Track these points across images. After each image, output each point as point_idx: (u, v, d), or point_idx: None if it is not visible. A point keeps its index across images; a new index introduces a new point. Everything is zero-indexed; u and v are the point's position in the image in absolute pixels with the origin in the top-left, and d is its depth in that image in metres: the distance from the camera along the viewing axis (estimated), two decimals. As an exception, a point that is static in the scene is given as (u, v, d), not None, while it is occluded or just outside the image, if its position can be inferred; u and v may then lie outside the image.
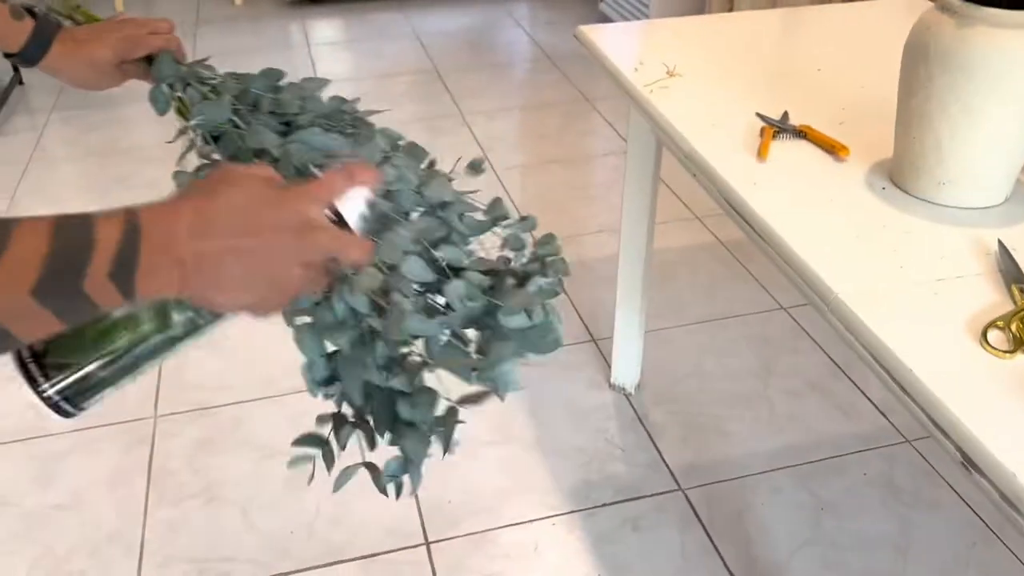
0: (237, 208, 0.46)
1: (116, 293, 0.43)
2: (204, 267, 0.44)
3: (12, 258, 0.40)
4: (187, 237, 0.44)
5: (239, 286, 0.46)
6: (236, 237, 0.45)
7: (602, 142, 2.94)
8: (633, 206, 1.64)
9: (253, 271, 0.46)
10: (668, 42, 1.47)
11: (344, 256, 0.49)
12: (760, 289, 2.14)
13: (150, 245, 0.43)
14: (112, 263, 0.42)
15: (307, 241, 0.47)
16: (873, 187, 1.02)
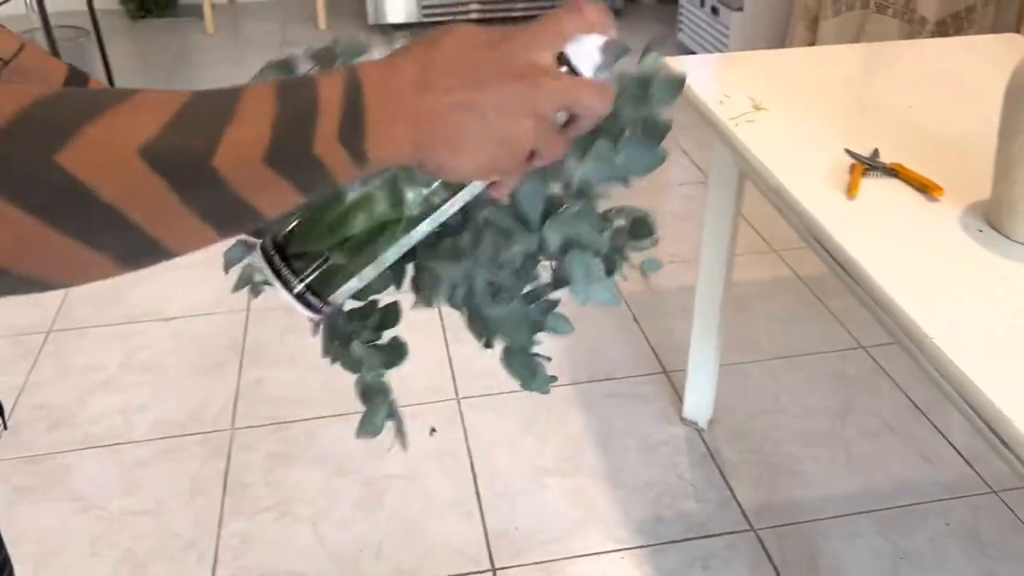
0: (460, 58, 0.42)
1: (347, 157, 0.40)
2: (430, 123, 0.41)
3: (243, 122, 0.38)
4: (411, 92, 0.41)
5: (468, 143, 0.42)
6: (461, 89, 0.41)
7: (677, 171, 2.93)
8: (713, 238, 1.63)
9: (481, 125, 0.42)
10: (752, 75, 1.46)
11: (580, 104, 0.44)
12: (839, 326, 2.09)
13: (375, 101, 0.40)
14: (339, 124, 0.39)
15: (538, 89, 0.42)
16: (969, 229, 0.99)
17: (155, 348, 2.09)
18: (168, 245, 0.40)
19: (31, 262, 0.37)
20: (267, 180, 0.39)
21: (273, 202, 0.40)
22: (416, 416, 1.85)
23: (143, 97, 0.37)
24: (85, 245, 0.37)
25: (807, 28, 2.94)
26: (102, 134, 0.35)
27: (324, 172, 0.40)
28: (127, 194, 0.36)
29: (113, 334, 2.14)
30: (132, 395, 1.93)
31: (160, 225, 0.38)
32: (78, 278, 0.39)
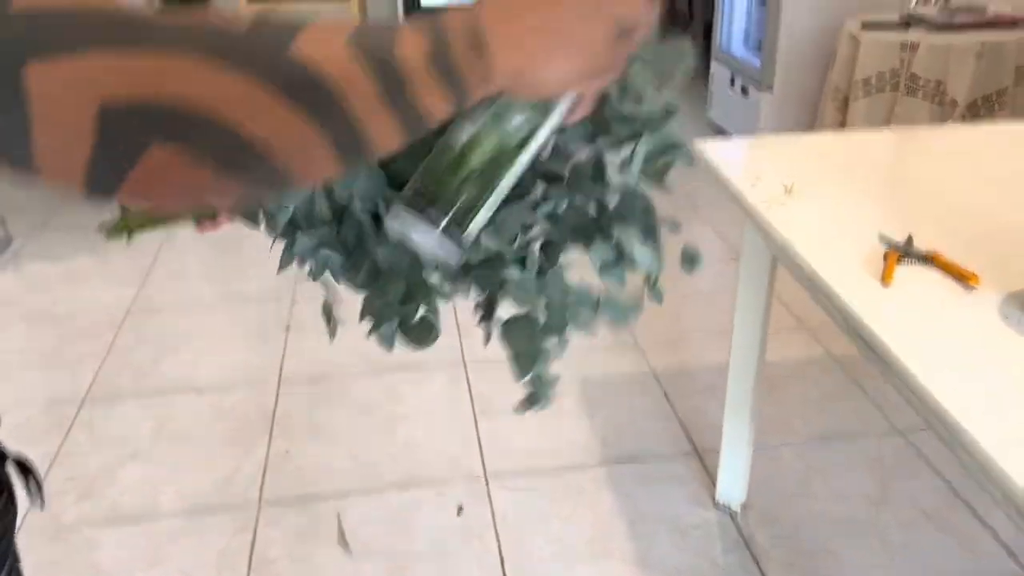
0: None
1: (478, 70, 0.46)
2: (537, 35, 0.47)
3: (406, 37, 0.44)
4: (514, 17, 0.47)
5: (566, 52, 0.48)
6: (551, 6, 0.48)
7: (707, 247, 2.93)
8: (745, 317, 1.62)
9: (574, 34, 0.48)
10: (784, 159, 1.47)
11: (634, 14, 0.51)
12: (874, 408, 2.05)
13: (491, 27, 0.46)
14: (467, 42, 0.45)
15: None
16: (1009, 319, 0.98)
17: (186, 419, 2.10)
18: (370, 135, 0.44)
19: (281, 143, 0.41)
20: (429, 82, 0.44)
21: (434, 105, 0.45)
22: (442, 493, 1.83)
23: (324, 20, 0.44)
24: (316, 126, 0.42)
25: (837, 109, 2.96)
26: (314, 33, 0.42)
27: (463, 81, 0.46)
28: (344, 78, 0.42)
29: (146, 404, 2.16)
30: (161, 467, 1.94)
31: (365, 113, 0.43)
32: (309, 168, 0.44)
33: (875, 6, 3.17)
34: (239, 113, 0.40)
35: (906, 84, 2.73)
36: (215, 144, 0.40)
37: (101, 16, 0.38)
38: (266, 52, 0.41)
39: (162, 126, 0.38)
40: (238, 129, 0.40)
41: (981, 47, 2.60)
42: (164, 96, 0.38)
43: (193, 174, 0.40)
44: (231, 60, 0.39)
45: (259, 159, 0.41)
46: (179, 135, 0.39)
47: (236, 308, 2.60)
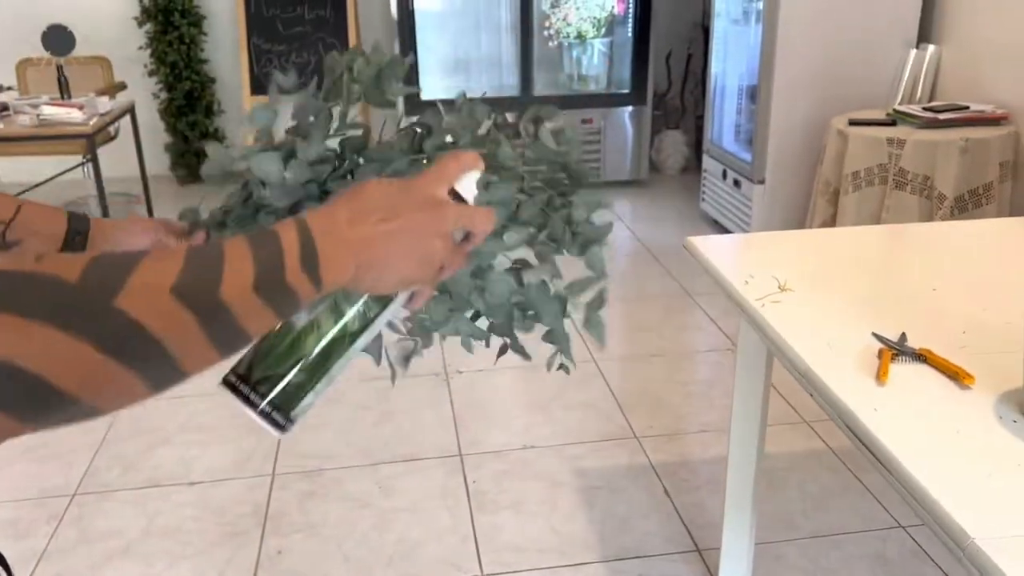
0: (378, 199, 0.54)
1: (309, 282, 0.51)
2: (365, 249, 0.53)
3: (233, 264, 0.48)
4: (347, 227, 0.52)
5: (395, 262, 0.54)
6: (384, 221, 0.54)
7: (704, 337, 2.94)
8: (743, 411, 1.62)
9: (404, 247, 0.54)
10: (776, 255, 1.49)
11: (473, 225, 0.59)
12: (876, 504, 2.02)
13: (321, 238, 0.51)
14: (300, 257, 0.50)
15: (441, 215, 0.56)
16: (1004, 420, 0.98)
17: (177, 514, 2.06)
18: (187, 369, 0.47)
19: (94, 390, 0.43)
20: (256, 307, 0.48)
21: (260, 326, 0.50)
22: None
23: (156, 253, 0.47)
24: (134, 373, 0.44)
25: (828, 202, 3.02)
26: (141, 281, 0.44)
27: (295, 297, 0.50)
28: (167, 327, 0.45)
29: (137, 498, 2.13)
30: (150, 564, 1.90)
31: (186, 352, 0.46)
32: (121, 403, 0.46)
33: (861, 103, 3.27)
34: (52, 368, 0.41)
35: (895, 178, 2.79)
36: (20, 397, 0.41)
37: None
38: (92, 308, 0.43)
39: None
40: (48, 382, 0.41)
41: (965, 143, 2.68)
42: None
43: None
44: (56, 318, 0.41)
45: (67, 405, 0.42)
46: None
47: (230, 398, 2.58)
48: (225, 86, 4.78)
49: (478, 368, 2.71)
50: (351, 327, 0.60)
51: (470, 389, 2.60)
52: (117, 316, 0.43)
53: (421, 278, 0.57)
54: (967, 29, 3.14)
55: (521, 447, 2.28)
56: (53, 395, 0.42)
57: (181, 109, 4.62)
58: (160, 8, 4.46)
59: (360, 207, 0.54)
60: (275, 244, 0.50)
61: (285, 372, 0.59)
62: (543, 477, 2.15)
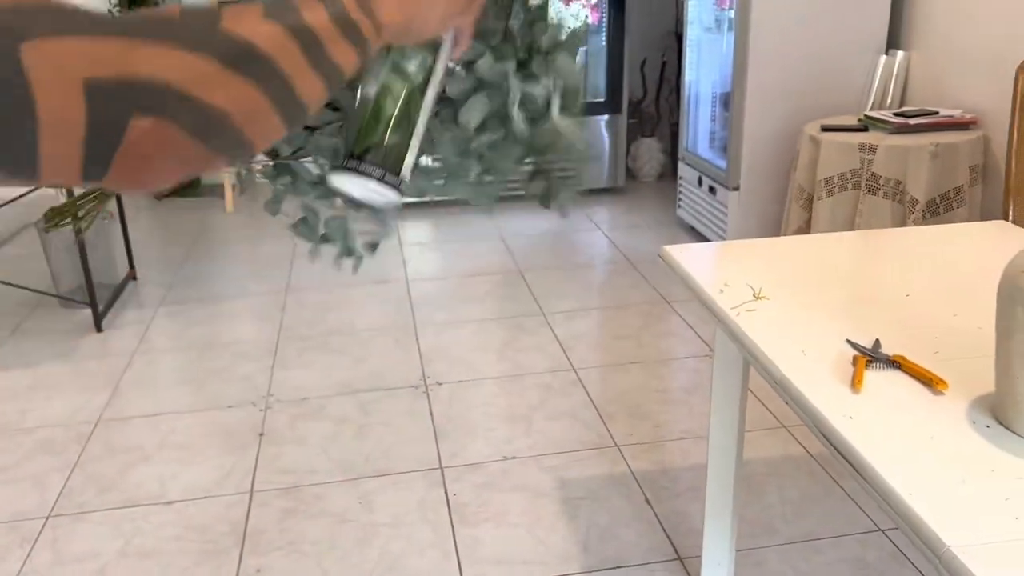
0: None
1: (367, 20, 0.55)
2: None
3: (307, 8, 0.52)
4: None
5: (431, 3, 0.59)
6: None
7: (682, 344, 2.95)
8: (721, 419, 1.63)
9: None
10: (751, 263, 1.50)
11: None
12: (855, 507, 2.04)
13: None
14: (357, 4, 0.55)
15: None
16: (976, 425, 0.99)
17: (154, 534, 2.04)
18: (302, 93, 0.51)
19: (237, 108, 0.48)
20: (335, 36, 0.53)
21: (343, 58, 0.54)
22: (421, 608, 1.77)
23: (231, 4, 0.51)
24: (260, 90, 0.48)
25: (802, 207, 3.05)
26: (236, 14, 0.49)
27: (360, 33, 0.55)
28: (272, 45, 0.49)
29: (113, 518, 2.10)
30: (127, 586, 1.87)
31: (295, 72, 0.50)
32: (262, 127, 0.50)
33: (833, 110, 3.31)
34: (199, 87, 0.46)
35: (867, 183, 2.82)
36: (185, 114, 0.45)
37: (72, 11, 0.43)
38: (205, 34, 0.47)
39: (139, 100, 0.44)
40: (200, 101, 0.46)
41: (936, 148, 2.71)
42: (137, 74, 0.43)
43: (172, 144, 0.45)
44: (182, 44, 0.45)
45: (221, 125, 0.47)
46: (154, 108, 0.44)
47: (209, 414, 2.56)
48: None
49: (458, 379, 2.71)
50: (416, 79, 0.65)
51: (450, 401, 2.59)
52: (230, 36, 0.47)
53: (458, 8, 0.62)
54: (935, 35, 3.18)
55: (502, 458, 2.27)
56: (208, 111, 0.46)
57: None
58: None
59: None
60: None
61: (381, 137, 0.65)
62: (524, 488, 2.15)
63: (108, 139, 0.43)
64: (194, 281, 3.65)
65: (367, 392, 2.64)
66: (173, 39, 0.45)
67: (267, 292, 3.46)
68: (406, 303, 3.31)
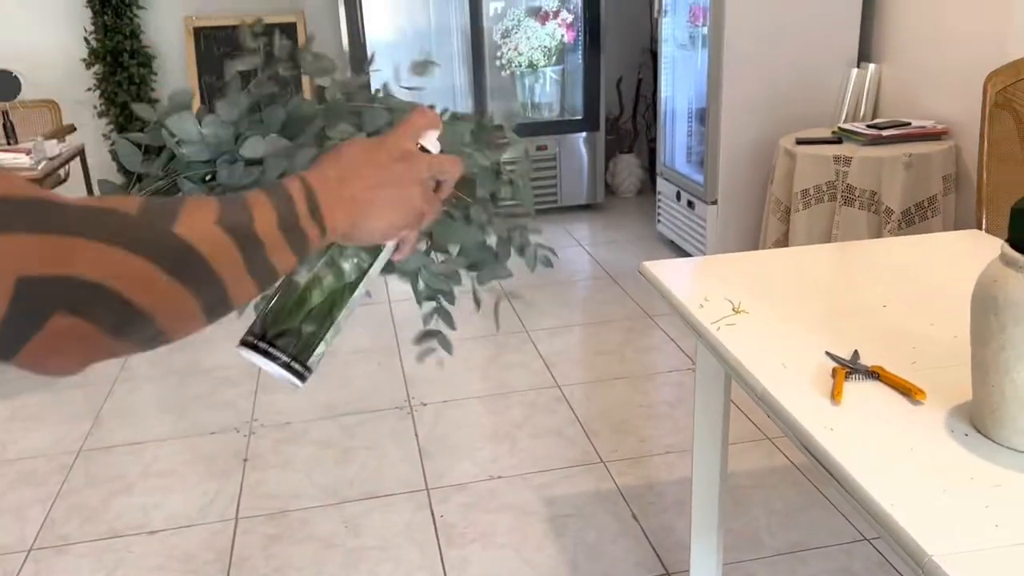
0: (358, 157, 0.62)
1: (316, 228, 0.58)
2: (355, 202, 0.60)
3: (257, 208, 0.55)
4: (338, 185, 0.60)
5: (382, 212, 0.62)
6: (368, 175, 0.61)
7: (665, 358, 2.97)
8: (705, 432, 1.63)
9: (388, 198, 0.62)
10: (730, 277, 1.52)
11: (443, 171, 0.66)
12: (840, 517, 2.05)
13: (320, 195, 0.59)
14: (307, 206, 0.57)
15: (416, 165, 0.64)
16: (955, 433, 1.00)
17: (138, 564, 2.01)
18: (232, 296, 0.54)
19: (163, 308, 0.49)
20: (280, 244, 0.56)
21: (283, 263, 0.57)
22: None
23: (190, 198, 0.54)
24: (192, 294, 0.51)
25: (780, 220, 3.08)
26: (190, 215, 0.51)
27: (306, 238, 0.58)
28: (216, 252, 0.52)
29: (96, 550, 2.07)
30: (111, 618, 1.85)
31: (232, 278, 0.53)
32: (183, 326, 0.52)
33: (807, 123, 3.35)
34: (133, 289, 0.48)
35: (843, 195, 2.85)
36: (108, 314, 0.47)
37: (23, 204, 0.45)
38: (154, 235, 0.49)
39: (65, 298, 0.46)
40: (131, 302, 0.48)
41: (909, 158, 2.75)
42: (70, 274, 0.46)
43: (85, 341, 0.47)
44: (127, 245, 0.48)
45: (143, 324, 0.49)
46: (79, 307, 0.46)
47: (192, 441, 2.54)
48: (176, 124, 4.74)
49: (442, 399, 2.70)
50: (349, 278, 0.67)
51: (434, 421, 2.58)
52: (176, 241, 0.50)
53: (405, 224, 0.64)
54: (904, 48, 3.23)
55: (487, 478, 2.27)
56: (134, 312, 0.48)
57: (132, 149, 4.57)
58: (108, 50, 4.42)
59: (345, 166, 0.61)
60: (286, 194, 0.57)
61: (297, 325, 0.66)
62: (511, 508, 2.14)
63: (24, 330, 0.45)
64: (174, 307, 3.62)
65: (351, 415, 2.63)
66: (120, 239, 0.47)
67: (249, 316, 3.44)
68: (389, 324, 3.30)
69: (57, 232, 0.46)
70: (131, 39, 4.46)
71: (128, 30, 4.45)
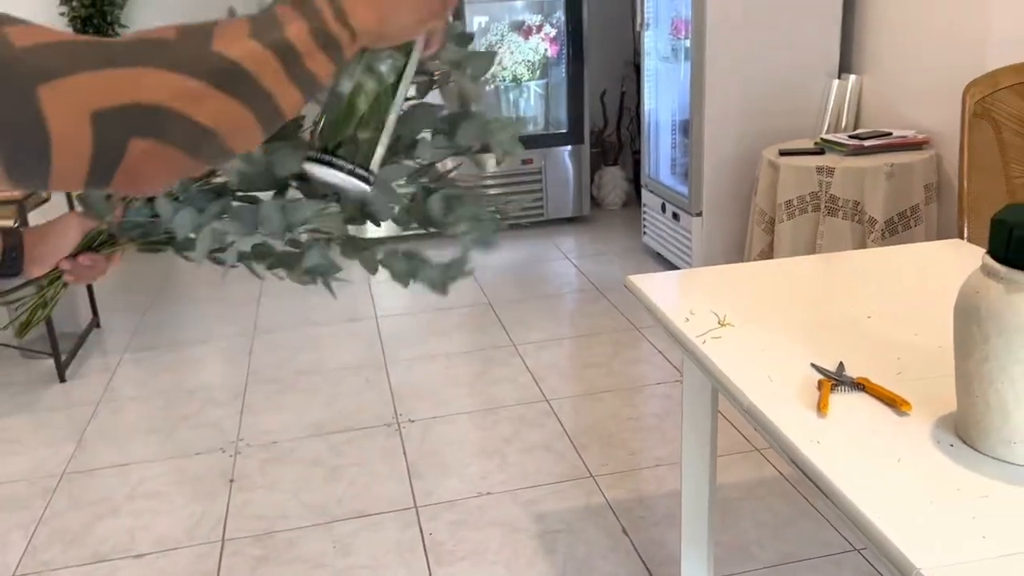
0: None
1: (344, 31, 0.59)
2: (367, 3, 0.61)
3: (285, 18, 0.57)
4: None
5: (396, 8, 0.62)
6: None
7: (653, 370, 2.97)
8: (693, 445, 1.63)
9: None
10: (715, 290, 1.52)
11: None
12: (829, 528, 2.05)
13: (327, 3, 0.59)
14: (332, 12, 0.59)
15: None
16: (941, 444, 1.01)
17: (123, 589, 1.99)
18: (282, 104, 0.57)
19: (223, 124, 0.54)
20: (314, 50, 0.58)
21: (321, 70, 0.59)
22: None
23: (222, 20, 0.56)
24: (243, 106, 0.54)
25: (764, 231, 3.09)
26: (223, 31, 0.55)
27: (338, 43, 0.59)
28: (256, 64, 0.55)
29: (80, 575, 2.04)
30: (96, 644, 1.82)
31: (276, 88, 0.56)
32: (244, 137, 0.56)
33: (790, 134, 3.37)
34: (191, 107, 0.52)
35: (827, 205, 2.87)
36: (178, 134, 0.52)
37: (79, 46, 0.51)
38: (198, 55, 0.53)
39: (137, 124, 0.51)
40: (192, 120, 0.52)
41: (891, 168, 2.77)
42: (137, 101, 0.51)
43: (164, 160, 0.53)
44: (176, 67, 0.52)
45: (210, 140, 0.54)
46: (151, 130, 0.51)
47: (178, 462, 2.52)
48: (160, 142, 4.72)
49: (430, 416, 2.69)
50: (388, 79, 0.69)
51: (423, 438, 2.57)
52: (217, 57, 0.53)
53: (432, 14, 0.66)
54: (884, 59, 3.26)
55: (477, 494, 2.26)
56: (199, 129, 0.53)
57: (115, 167, 4.54)
58: (90, 67, 4.40)
59: None
60: (311, 4, 0.58)
61: (353, 133, 0.69)
62: (501, 524, 2.13)
63: (111, 158, 0.51)
64: (159, 326, 3.60)
65: (338, 433, 2.61)
66: (170, 64, 0.52)
67: (234, 335, 3.42)
68: (376, 340, 3.29)
69: (114, 66, 0.51)
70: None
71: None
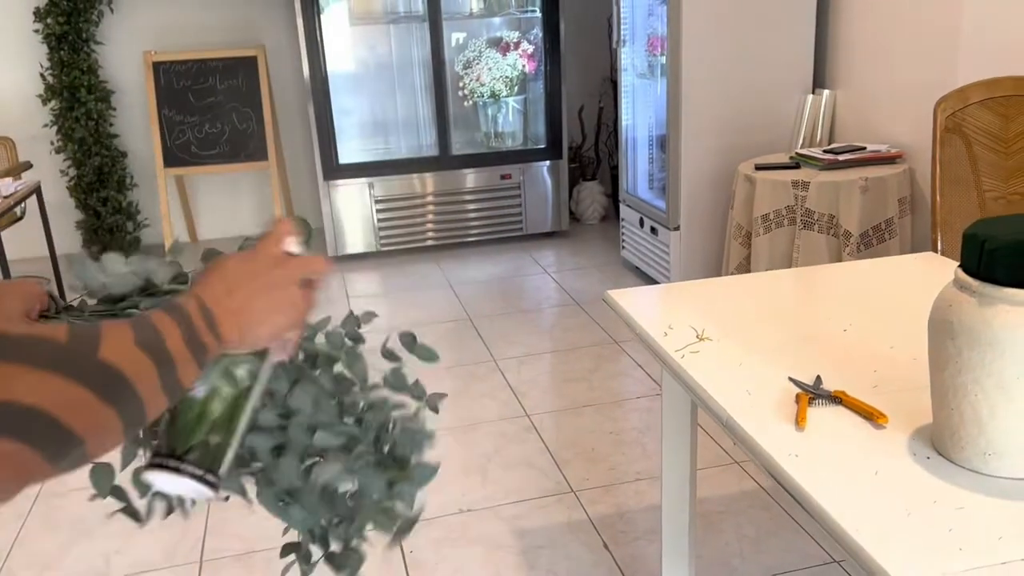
0: (240, 268, 0.66)
1: (214, 340, 0.62)
2: (244, 311, 0.64)
3: (166, 329, 0.59)
4: (226, 297, 0.64)
5: (269, 315, 0.66)
6: (249, 283, 0.66)
7: (633, 384, 2.97)
8: (673, 459, 1.63)
9: (272, 300, 0.66)
10: (693, 304, 1.53)
11: (314, 270, 0.70)
12: (809, 540, 2.06)
13: (214, 306, 0.63)
14: (205, 323, 0.61)
15: (290, 267, 0.68)
16: (917, 456, 1.02)
17: (99, 612, 1.96)
18: (149, 411, 0.57)
19: (92, 431, 0.52)
20: (187, 359, 0.60)
21: (189, 377, 0.60)
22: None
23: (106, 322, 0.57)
24: (117, 414, 0.53)
25: (741, 244, 3.12)
26: (112, 338, 0.55)
27: (207, 352, 0.62)
28: (137, 372, 0.55)
29: (54, 599, 2.01)
30: (71, 670, 1.79)
31: (148, 395, 0.56)
32: (106, 444, 0.54)
33: (766, 148, 3.41)
34: (69, 414, 0.50)
35: (802, 219, 2.90)
36: (46, 439, 0.49)
37: None
38: (86, 360, 0.53)
39: (6, 423, 0.48)
40: (67, 427, 0.50)
41: (865, 182, 2.81)
42: (11, 400, 0.48)
43: (24, 465, 0.49)
44: (65, 371, 0.51)
45: (76, 447, 0.51)
46: (19, 432, 0.48)
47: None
48: (137, 159, 4.69)
49: (410, 432, 2.67)
50: (243, 383, 0.70)
51: (403, 455, 2.55)
52: (103, 365, 0.53)
53: (290, 324, 0.68)
54: (857, 74, 3.31)
55: (458, 511, 2.25)
56: (70, 436, 0.50)
57: (92, 185, 4.50)
58: (65, 85, 4.37)
59: (231, 278, 0.65)
60: (185, 312, 0.61)
61: (203, 437, 0.68)
62: (482, 541, 2.12)
63: None
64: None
65: (318, 450, 2.59)
66: (56, 366, 0.51)
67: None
68: (355, 357, 3.27)
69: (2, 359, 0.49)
70: (88, 74, 4.41)
71: (85, 65, 4.40)
